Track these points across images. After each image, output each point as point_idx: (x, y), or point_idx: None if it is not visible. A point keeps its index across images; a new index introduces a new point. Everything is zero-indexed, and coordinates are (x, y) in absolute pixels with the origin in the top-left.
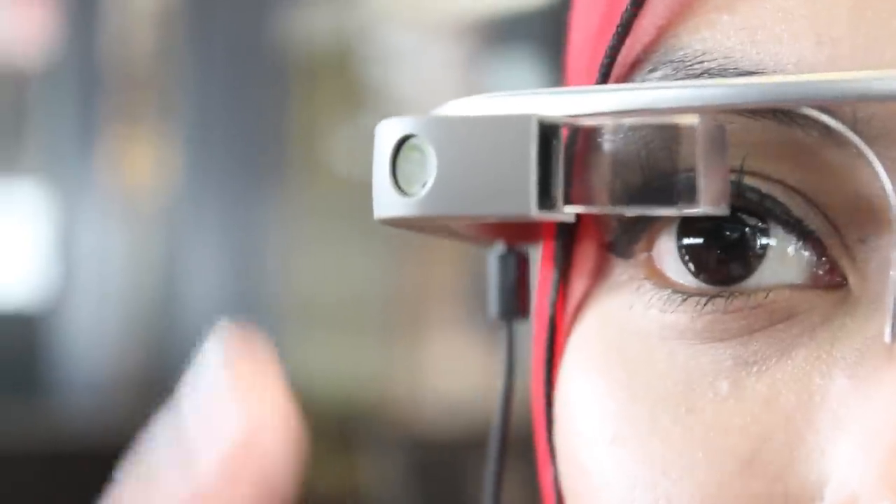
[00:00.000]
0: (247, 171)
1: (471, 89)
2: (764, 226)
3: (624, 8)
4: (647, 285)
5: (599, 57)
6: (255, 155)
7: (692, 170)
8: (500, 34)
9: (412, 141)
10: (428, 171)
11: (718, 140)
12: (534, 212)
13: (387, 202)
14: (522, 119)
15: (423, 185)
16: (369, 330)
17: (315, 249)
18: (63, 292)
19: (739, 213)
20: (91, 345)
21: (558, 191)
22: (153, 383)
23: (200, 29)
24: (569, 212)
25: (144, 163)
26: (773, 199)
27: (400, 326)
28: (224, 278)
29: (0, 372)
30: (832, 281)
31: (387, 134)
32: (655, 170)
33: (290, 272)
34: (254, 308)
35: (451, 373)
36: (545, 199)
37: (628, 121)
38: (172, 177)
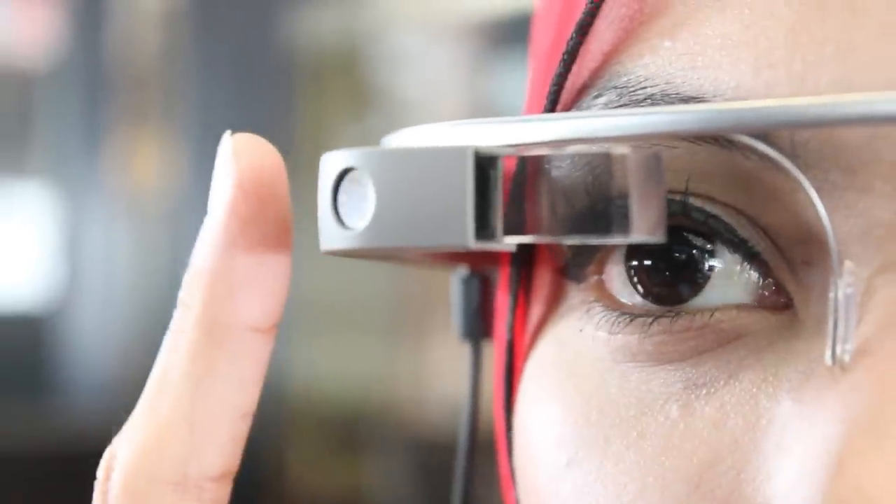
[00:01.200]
0: None
1: (477, 91)
2: (711, 247)
3: (569, 35)
4: (597, 307)
5: (549, 81)
6: None
7: (627, 198)
8: (507, 36)
9: (352, 174)
10: (368, 203)
11: (653, 168)
12: (471, 243)
13: (329, 235)
14: (459, 151)
15: (364, 218)
16: (375, 332)
17: (320, 252)
18: (69, 294)
19: (686, 235)
20: (97, 346)
21: (497, 221)
22: None
23: (206, 30)
24: (509, 242)
25: (150, 164)
26: (718, 219)
27: (405, 329)
28: None
29: (6, 373)
30: (778, 302)
31: (328, 167)
32: (592, 199)
33: (296, 275)
34: None
35: (455, 375)
36: (483, 230)
37: (566, 150)
38: (178, 178)
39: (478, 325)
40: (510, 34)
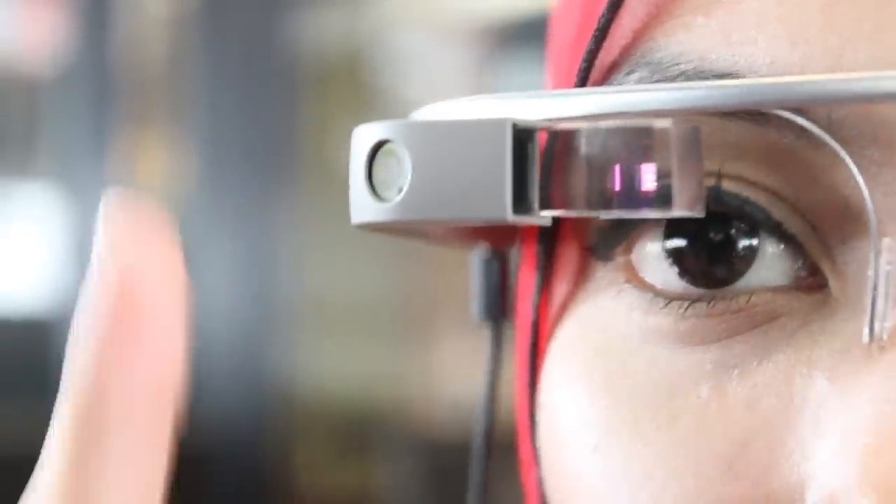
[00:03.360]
0: (259, 174)
1: (482, 92)
2: (748, 228)
3: (601, 12)
4: (628, 288)
5: (578, 61)
6: (268, 159)
7: (667, 172)
8: (511, 38)
9: (388, 146)
10: (403, 175)
11: (693, 142)
12: (509, 216)
13: (363, 207)
14: (497, 123)
15: (399, 190)
16: (382, 333)
17: (327, 253)
18: (75, 297)
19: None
20: None
21: (534, 194)
22: None
23: (213, 33)
24: (545, 215)
25: (157, 167)
26: (753, 204)
27: (413, 329)
28: (236, 282)
29: (13, 376)
30: (813, 283)
31: (363, 139)
32: (630, 173)
33: (303, 276)
34: (267, 312)
35: (464, 375)
36: (520, 203)
37: (604, 124)
38: (185, 181)
39: (497, 307)
40: (515, 36)
